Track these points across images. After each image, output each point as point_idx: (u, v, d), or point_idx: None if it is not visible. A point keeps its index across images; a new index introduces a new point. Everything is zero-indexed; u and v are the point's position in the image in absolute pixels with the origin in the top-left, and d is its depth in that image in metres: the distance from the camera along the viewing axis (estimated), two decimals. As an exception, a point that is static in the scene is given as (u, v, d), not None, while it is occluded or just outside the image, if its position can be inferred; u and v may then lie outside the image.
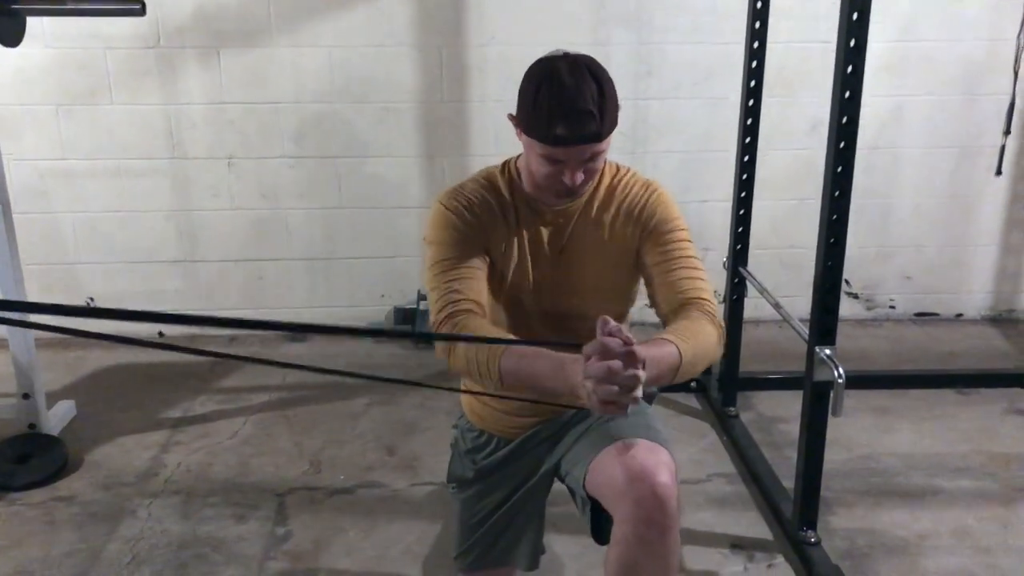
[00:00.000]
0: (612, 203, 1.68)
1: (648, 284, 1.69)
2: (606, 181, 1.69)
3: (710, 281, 1.63)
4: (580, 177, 1.54)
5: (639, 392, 1.29)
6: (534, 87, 1.50)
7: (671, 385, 3.13)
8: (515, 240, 1.67)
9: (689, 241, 1.66)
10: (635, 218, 1.67)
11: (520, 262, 1.68)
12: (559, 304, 1.71)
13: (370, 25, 3.33)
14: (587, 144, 1.50)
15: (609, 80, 1.52)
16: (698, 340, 1.50)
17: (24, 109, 3.34)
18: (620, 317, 1.77)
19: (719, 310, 1.60)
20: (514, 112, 1.59)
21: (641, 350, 1.30)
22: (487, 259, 1.64)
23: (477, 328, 1.51)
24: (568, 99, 1.46)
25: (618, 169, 1.72)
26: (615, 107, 1.53)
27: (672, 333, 1.49)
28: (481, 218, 1.64)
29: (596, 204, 1.68)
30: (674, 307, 1.60)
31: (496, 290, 1.69)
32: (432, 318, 1.58)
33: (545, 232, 1.68)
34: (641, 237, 1.67)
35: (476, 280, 1.60)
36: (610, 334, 1.29)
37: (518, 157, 1.69)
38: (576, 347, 1.32)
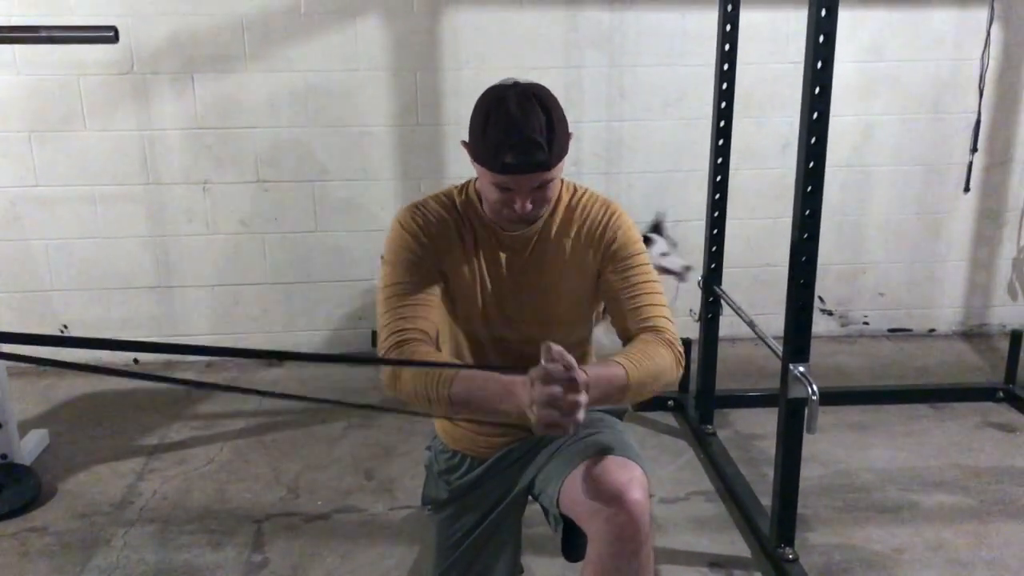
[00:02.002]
0: (572, 225, 1.68)
1: (609, 308, 1.71)
2: (564, 202, 1.69)
3: (670, 306, 1.67)
4: (530, 205, 1.55)
5: (580, 415, 1.35)
6: (483, 117, 1.51)
7: (646, 403, 3.16)
8: (472, 263, 1.67)
9: (648, 264, 1.69)
10: (595, 241, 1.68)
11: (477, 286, 1.68)
12: (519, 328, 1.71)
13: (344, 50, 3.34)
14: (535, 173, 1.51)
15: (558, 109, 1.53)
16: (649, 363, 1.54)
17: (-4, 136, 3.33)
18: (583, 342, 1.77)
19: (677, 336, 1.63)
20: (466, 139, 1.60)
21: (582, 374, 1.35)
22: (441, 283, 1.65)
23: (424, 357, 1.54)
24: (516, 129, 1.47)
25: (575, 189, 1.72)
26: (564, 136, 1.54)
27: (623, 355, 1.54)
28: (437, 241, 1.65)
29: (555, 227, 1.68)
30: (634, 334, 1.64)
31: (453, 313, 1.71)
32: (380, 344, 1.59)
33: (503, 256, 1.68)
34: (602, 261, 1.68)
35: (427, 308, 1.61)
36: (552, 360, 1.34)
37: (476, 179, 1.70)
38: (525, 371, 1.38)
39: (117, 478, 2.71)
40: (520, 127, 1.47)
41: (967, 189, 3.70)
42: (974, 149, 3.64)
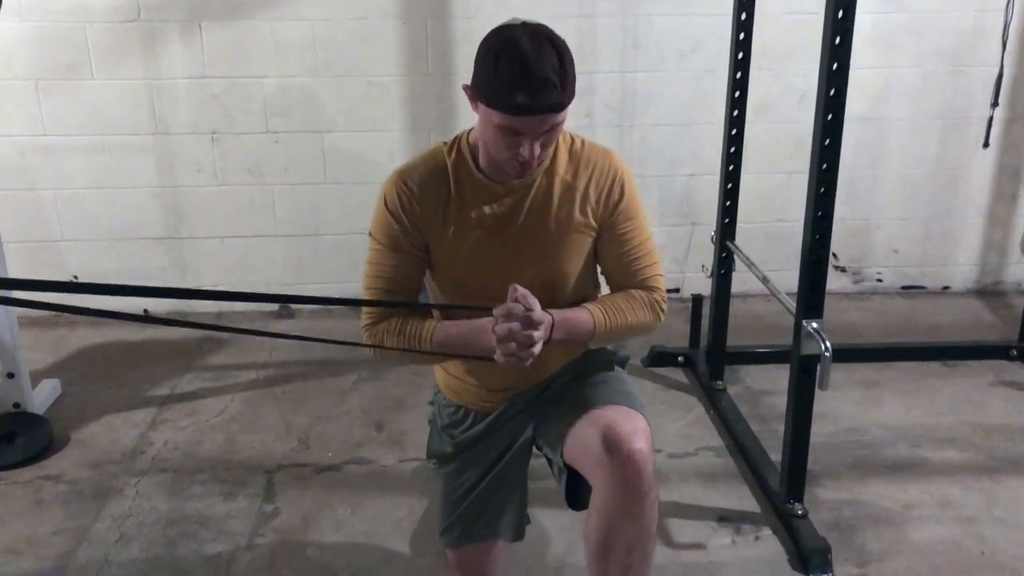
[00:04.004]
0: (578, 178, 1.66)
1: (600, 260, 1.73)
2: (563, 153, 1.67)
3: (662, 261, 1.74)
4: (537, 150, 1.52)
5: (536, 349, 1.49)
6: (493, 56, 1.47)
7: (656, 359, 3.16)
8: (463, 224, 1.65)
9: (646, 221, 1.72)
10: (602, 198, 1.67)
11: (470, 244, 1.66)
12: (521, 279, 1.69)
13: (354, -3, 3.29)
14: (548, 114, 1.48)
15: (568, 50, 1.50)
16: (622, 317, 1.64)
17: (3, 85, 3.29)
18: (586, 296, 1.74)
19: (664, 295, 1.72)
20: (468, 83, 1.56)
21: (542, 314, 1.50)
22: (425, 254, 1.68)
23: (397, 325, 1.65)
24: (529, 68, 1.44)
25: (572, 139, 1.69)
26: (574, 78, 1.51)
27: (598, 303, 1.66)
28: (421, 213, 1.65)
29: (558, 176, 1.65)
30: (625, 287, 1.71)
31: (447, 274, 1.70)
32: (361, 320, 1.70)
33: (498, 209, 1.65)
34: (606, 217, 1.68)
35: (407, 283, 1.69)
36: (515, 300, 1.48)
37: (470, 131, 1.67)
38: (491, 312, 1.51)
39: (129, 428, 2.73)
40: (534, 66, 1.44)
41: (986, 144, 3.63)
42: (995, 103, 3.57)
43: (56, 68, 3.28)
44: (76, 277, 3.54)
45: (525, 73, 1.44)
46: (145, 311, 3.56)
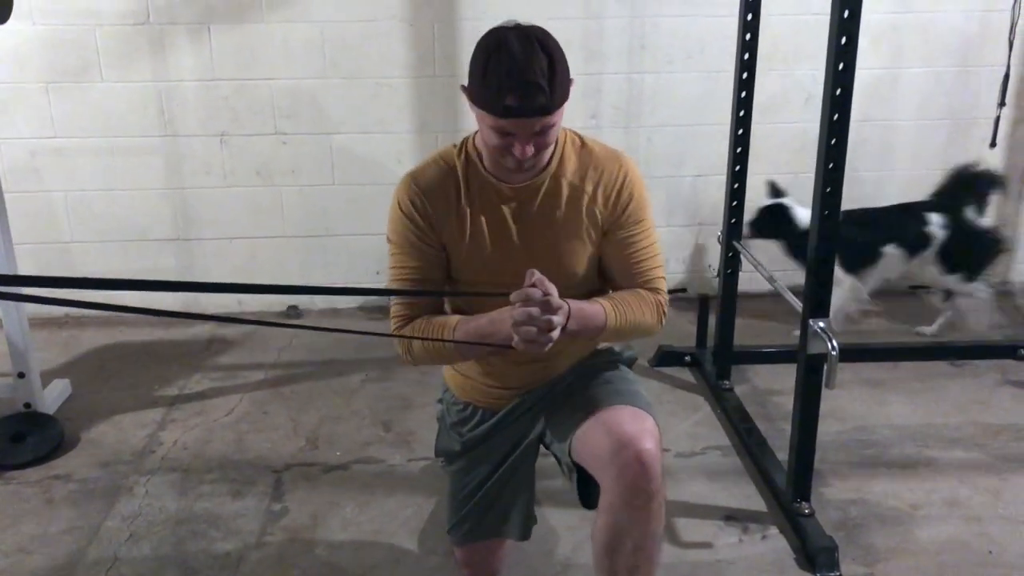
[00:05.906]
0: (586, 181, 1.66)
1: (605, 260, 1.72)
2: (571, 155, 1.67)
3: (664, 264, 1.75)
4: (530, 150, 1.53)
5: (555, 334, 1.47)
6: (483, 59, 1.48)
7: (666, 359, 3.15)
8: (474, 224, 1.67)
9: (652, 225, 1.72)
10: (610, 200, 1.66)
11: (482, 244, 1.67)
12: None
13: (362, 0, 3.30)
14: (536, 117, 1.48)
15: (560, 53, 1.50)
16: (632, 315, 1.64)
17: (14, 87, 3.32)
18: (594, 294, 1.74)
19: (666, 297, 1.73)
20: (466, 83, 1.57)
21: (560, 300, 1.48)
22: (443, 252, 1.69)
23: (422, 325, 1.66)
24: (517, 71, 1.44)
25: (582, 141, 1.70)
26: (566, 80, 1.51)
27: (610, 299, 1.64)
28: (434, 213, 1.66)
29: (565, 178, 1.66)
30: (628, 287, 1.71)
31: (463, 273, 1.70)
32: (391, 326, 1.70)
33: (507, 210, 1.66)
34: (613, 219, 1.68)
35: (429, 283, 1.70)
36: (533, 284, 1.46)
37: (476, 133, 1.68)
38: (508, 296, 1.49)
39: (138, 428, 2.75)
40: (522, 69, 1.44)
41: (993, 144, 3.61)
42: (1002, 103, 3.55)
43: (66, 70, 3.31)
44: (86, 278, 3.56)
45: (513, 76, 1.45)
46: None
